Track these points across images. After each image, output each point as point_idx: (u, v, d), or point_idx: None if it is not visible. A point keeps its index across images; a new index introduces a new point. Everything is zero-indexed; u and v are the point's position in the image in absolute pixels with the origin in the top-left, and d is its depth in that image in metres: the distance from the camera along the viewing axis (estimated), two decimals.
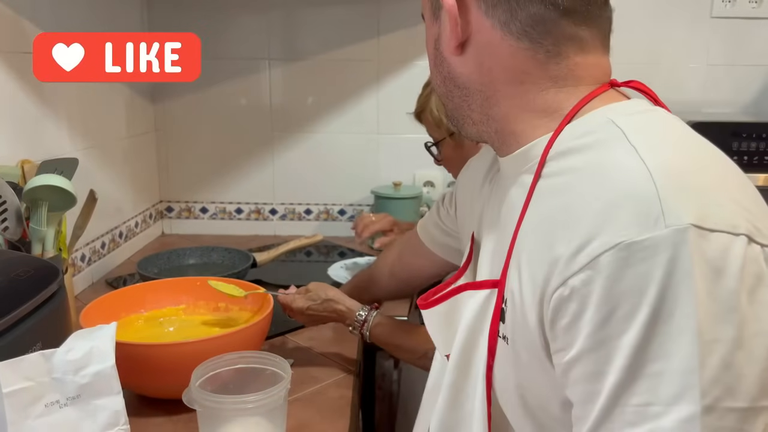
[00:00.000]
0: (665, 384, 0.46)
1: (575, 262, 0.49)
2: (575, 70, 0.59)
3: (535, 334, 0.54)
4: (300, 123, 1.93)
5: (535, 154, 0.59)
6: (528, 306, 0.54)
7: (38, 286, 0.78)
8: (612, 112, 0.56)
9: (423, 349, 1.03)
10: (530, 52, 0.58)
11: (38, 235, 1.10)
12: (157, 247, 1.86)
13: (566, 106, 0.58)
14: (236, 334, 0.97)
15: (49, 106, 1.34)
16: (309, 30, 1.86)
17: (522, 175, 0.61)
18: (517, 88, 0.60)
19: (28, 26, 1.26)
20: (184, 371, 0.84)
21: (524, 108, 0.60)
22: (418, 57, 1.87)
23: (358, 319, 1.07)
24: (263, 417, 0.82)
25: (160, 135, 1.95)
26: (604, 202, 0.49)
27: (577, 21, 0.58)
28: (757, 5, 1.81)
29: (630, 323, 0.46)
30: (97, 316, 1.00)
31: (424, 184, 1.97)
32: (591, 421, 0.49)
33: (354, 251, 1.81)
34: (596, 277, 0.47)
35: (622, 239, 0.47)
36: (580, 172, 0.53)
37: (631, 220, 0.47)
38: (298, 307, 1.10)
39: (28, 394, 0.65)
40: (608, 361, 0.47)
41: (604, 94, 0.59)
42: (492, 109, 0.62)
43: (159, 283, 1.20)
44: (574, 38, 0.58)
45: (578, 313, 0.49)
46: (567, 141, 0.56)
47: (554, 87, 0.59)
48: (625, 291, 0.46)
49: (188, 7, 1.84)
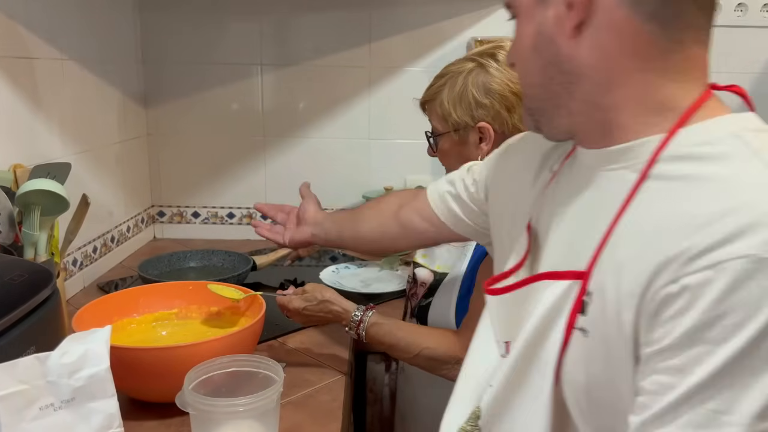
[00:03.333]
0: (749, 401, 0.46)
1: (694, 264, 0.49)
2: (694, 64, 0.56)
3: (628, 328, 0.53)
4: (292, 128, 1.94)
5: (644, 153, 0.57)
6: (625, 299, 0.53)
7: (32, 290, 0.78)
8: (735, 125, 0.56)
9: (417, 348, 1.05)
10: (655, 36, 0.55)
11: (31, 239, 1.10)
12: (148, 251, 1.86)
13: (682, 106, 0.56)
14: (229, 337, 0.98)
15: (42, 110, 1.35)
16: (301, 36, 1.88)
17: (622, 170, 0.58)
18: (638, 77, 0.56)
19: (21, 32, 1.27)
20: (177, 375, 0.85)
21: (641, 100, 0.57)
22: (409, 63, 1.89)
23: (354, 320, 1.09)
24: (256, 420, 0.82)
25: (152, 139, 1.95)
26: (737, 214, 0.49)
27: (703, 6, 0.55)
28: (742, 14, 1.84)
29: (735, 334, 0.46)
30: (90, 320, 1.01)
31: (416, 189, 1.98)
32: (656, 409, 0.49)
33: (345, 255, 1.82)
34: (716, 279, 0.47)
35: (756, 252, 0.47)
36: (705, 181, 0.52)
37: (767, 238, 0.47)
38: (294, 307, 1.12)
39: (22, 397, 0.66)
40: (698, 362, 0.48)
41: (713, 98, 0.58)
42: (604, 97, 0.58)
43: (152, 287, 1.21)
44: (695, 26, 0.56)
45: (685, 308, 0.49)
46: (685, 146, 0.55)
47: (674, 81, 0.56)
48: (741, 301, 0.46)
49: (180, 13, 1.85)
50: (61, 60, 1.42)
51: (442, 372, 1.05)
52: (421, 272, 1.21)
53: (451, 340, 1.05)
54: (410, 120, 1.92)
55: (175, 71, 1.90)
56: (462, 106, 1.07)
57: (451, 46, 1.86)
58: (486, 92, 1.06)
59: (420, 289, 1.21)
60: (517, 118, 1.06)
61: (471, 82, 1.06)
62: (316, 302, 1.11)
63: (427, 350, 1.05)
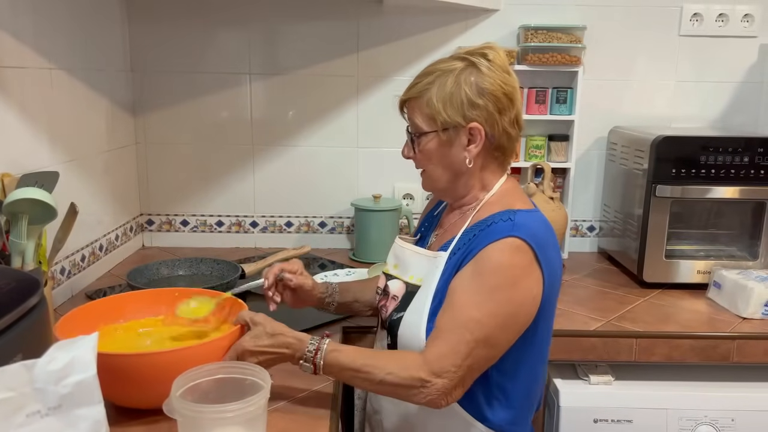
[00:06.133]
0: None
1: None
2: None
3: None
4: (280, 136, 1.96)
5: None
6: None
7: (19, 298, 0.78)
8: None
9: (381, 372, 0.97)
10: None
11: (18, 248, 1.10)
12: (137, 260, 1.86)
13: None
14: (212, 343, 0.99)
15: (30, 119, 1.35)
16: (290, 45, 1.89)
17: None
18: None
19: (8, 40, 1.27)
20: (161, 380, 0.85)
21: None
22: (396, 72, 1.90)
23: (310, 349, 0.99)
24: (243, 426, 0.83)
25: (141, 148, 1.95)
26: None
27: None
28: (723, 24, 1.88)
29: None
30: (74, 327, 1.01)
31: (404, 197, 1.99)
32: None
33: (335, 263, 1.83)
34: None
35: None
36: None
37: None
38: (245, 348, 1.00)
39: (9, 404, 0.66)
40: None
41: None
42: None
43: (138, 294, 1.21)
44: None
45: None
46: None
47: None
48: None
49: (169, 22, 1.86)
50: (50, 69, 1.43)
51: (410, 398, 0.97)
52: (394, 284, 1.16)
53: (417, 362, 0.96)
54: (398, 128, 1.94)
55: (164, 80, 1.90)
56: (453, 105, 1.02)
57: (437, 55, 1.87)
58: (479, 92, 1.02)
59: (391, 302, 1.14)
60: (506, 120, 1.04)
61: (464, 81, 1.02)
62: (267, 337, 1.00)
63: (390, 375, 0.96)
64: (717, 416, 1.40)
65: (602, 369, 1.46)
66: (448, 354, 0.95)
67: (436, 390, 0.95)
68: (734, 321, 1.46)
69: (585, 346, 1.40)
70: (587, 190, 2.00)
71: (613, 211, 1.89)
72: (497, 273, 0.97)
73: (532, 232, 0.99)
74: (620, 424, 1.41)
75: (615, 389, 1.43)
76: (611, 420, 1.41)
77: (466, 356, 0.95)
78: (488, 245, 0.98)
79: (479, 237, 1.01)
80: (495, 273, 0.97)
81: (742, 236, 1.72)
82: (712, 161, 1.60)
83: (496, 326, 0.96)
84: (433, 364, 0.95)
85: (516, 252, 0.97)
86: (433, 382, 0.95)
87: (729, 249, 1.74)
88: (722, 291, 1.56)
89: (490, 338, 0.97)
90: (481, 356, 0.97)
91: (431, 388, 0.95)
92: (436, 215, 1.23)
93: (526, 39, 1.81)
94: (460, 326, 0.96)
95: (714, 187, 1.60)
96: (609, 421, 1.41)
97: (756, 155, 1.59)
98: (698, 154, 1.60)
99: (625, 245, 1.79)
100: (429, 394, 0.95)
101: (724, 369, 1.46)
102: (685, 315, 1.50)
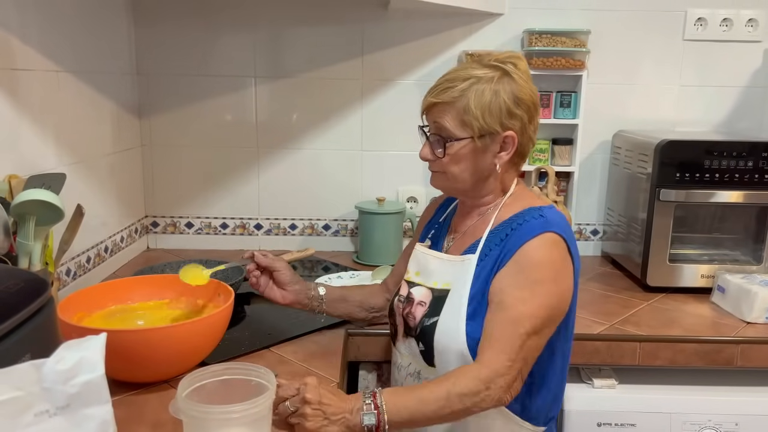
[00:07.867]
0: None
1: None
2: None
3: None
4: (285, 139, 1.96)
5: None
6: None
7: (28, 298, 0.79)
8: None
9: (444, 389, 0.95)
10: None
11: (25, 249, 1.11)
12: (142, 262, 1.87)
13: None
14: (193, 323, 1.07)
15: (37, 121, 1.36)
16: (295, 48, 1.90)
17: None
18: None
19: (15, 43, 1.28)
20: (153, 357, 1.01)
21: None
22: (401, 76, 1.91)
23: (367, 403, 0.94)
24: (248, 427, 0.83)
25: (146, 150, 1.96)
26: None
27: None
28: (727, 29, 1.88)
29: None
30: (77, 306, 1.13)
31: (408, 200, 2.00)
32: None
33: (338, 266, 1.84)
34: None
35: None
36: None
37: None
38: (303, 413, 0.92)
39: (17, 403, 0.66)
40: None
41: None
42: None
43: (143, 279, 1.29)
44: None
45: None
46: None
47: None
48: None
49: (175, 25, 1.87)
50: (56, 72, 1.44)
51: (479, 404, 0.97)
52: (418, 291, 1.15)
53: (472, 370, 0.98)
54: (402, 132, 1.95)
55: (170, 83, 1.91)
56: (492, 113, 1.04)
57: (442, 59, 1.89)
58: (516, 102, 1.05)
59: (417, 308, 1.14)
60: (532, 128, 1.09)
61: (502, 90, 1.04)
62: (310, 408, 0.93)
63: (455, 387, 0.96)
64: (721, 420, 1.40)
65: (606, 373, 1.46)
66: (501, 351, 0.98)
67: (499, 387, 0.98)
68: (738, 325, 1.47)
69: (589, 349, 1.40)
70: (591, 194, 2.00)
71: (617, 215, 1.89)
72: (540, 268, 1.01)
73: (564, 227, 1.05)
74: (624, 428, 1.41)
75: (619, 393, 1.43)
76: (615, 424, 1.41)
77: (519, 350, 0.99)
78: (526, 242, 1.03)
79: (513, 236, 1.05)
80: (537, 268, 1.01)
81: (746, 240, 1.72)
82: (716, 165, 1.60)
83: (543, 318, 1.01)
84: (490, 364, 0.98)
85: (554, 246, 1.03)
86: (494, 380, 0.97)
87: (733, 253, 1.74)
88: (726, 295, 1.56)
89: (538, 329, 1.01)
90: (533, 347, 1.01)
91: (494, 388, 0.97)
92: (443, 221, 1.24)
93: (530, 43, 1.81)
94: (510, 324, 0.99)
95: (718, 191, 1.61)
96: (613, 425, 1.41)
97: (760, 160, 1.59)
98: (702, 159, 1.60)
99: (628, 249, 1.79)
100: (494, 394, 0.98)
101: (728, 373, 1.46)
102: (689, 319, 1.50)
